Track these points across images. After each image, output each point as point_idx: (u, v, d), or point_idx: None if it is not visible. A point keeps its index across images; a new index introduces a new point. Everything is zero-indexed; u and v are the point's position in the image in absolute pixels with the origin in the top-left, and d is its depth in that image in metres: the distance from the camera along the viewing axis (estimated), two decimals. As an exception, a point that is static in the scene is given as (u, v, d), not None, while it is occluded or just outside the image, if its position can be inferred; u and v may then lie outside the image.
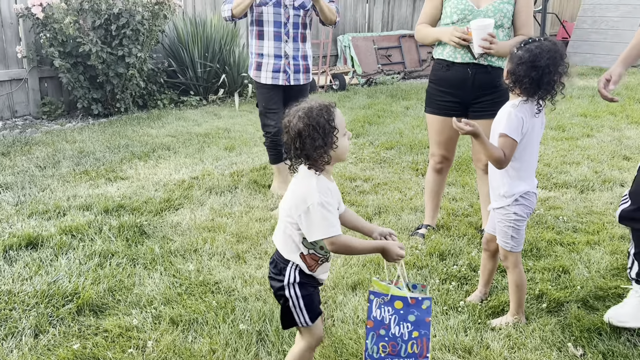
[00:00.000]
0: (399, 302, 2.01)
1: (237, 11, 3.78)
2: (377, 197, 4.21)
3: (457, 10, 3.19)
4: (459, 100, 3.31)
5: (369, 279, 2.99)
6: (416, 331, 2.02)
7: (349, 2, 9.94)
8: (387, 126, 6.33)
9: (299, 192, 1.91)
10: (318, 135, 1.84)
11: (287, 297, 1.98)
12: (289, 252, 1.98)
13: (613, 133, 5.99)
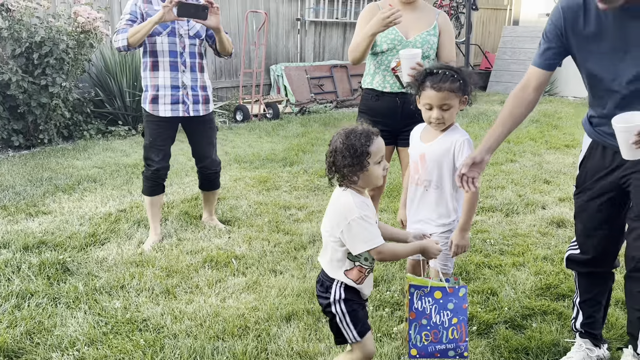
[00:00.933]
0: (438, 292, 2.18)
1: (133, 40, 3.50)
2: (311, 225, 4.20)
3: (387, 40, 3.27)
4: (389, 129, 3.38)
5: (303, 309, 2.96)
6: (455, 317, 2.18)
7: (281, 33, 10.07)
8: (320, 154, 6.38)
9: (338, 211, 2.05)
10: (349, 155, 1.98)
11: (334, 314, 2.10)
12: (333, 270, 2.11)
13: (534, 158, 6.30)
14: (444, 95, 2.39)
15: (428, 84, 2.41)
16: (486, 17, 14.31)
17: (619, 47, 2.12)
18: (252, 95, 8.69)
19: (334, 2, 10.74)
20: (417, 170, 2.55)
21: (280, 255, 3.69)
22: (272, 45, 9.92)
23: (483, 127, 8.04)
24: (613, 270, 2.57)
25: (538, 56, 2.35)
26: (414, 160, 2.58)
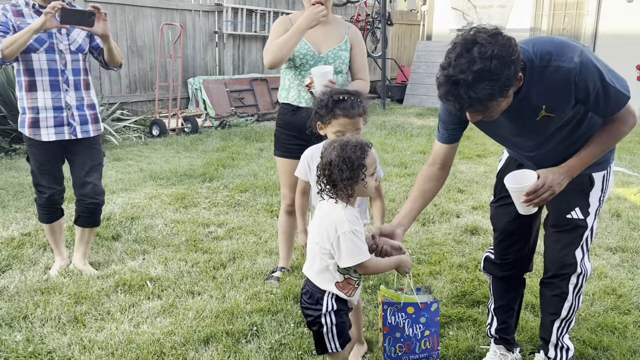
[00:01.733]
0: (411, 308, 2.26)
1: (9, 52, 3.11)
2: (231, 242, 4.11)
3: (300, 54, 3.27)
4: (306, 144, 3.36)
5: (222, 330, 2.87)
6: (427, 330, 2.28)
7: (198, 45, 9.90)
8: (241, 168, 6.30)
9: (329, 222, 2.05)
10: (346, 167, 1.99)
11: (322, 324, 2.13)
12: (324, 282, 2.12)
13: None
14: (356, 121, 2.46)
15: (339, 112, 2.44)
16: (401, 32, 14.79)
17: (511, 132, 2.28)
18: (169, 109, 8.46)
19: (252, 16, 10.71)
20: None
21: (199, 275, 3.58)
22: (190, 58, 9.73)
23: (400, 139, 8.25)
24: (524, 277, 2.69)
25: (440, 132, 2.42)
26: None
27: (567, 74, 2.02)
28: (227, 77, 10.01)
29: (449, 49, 1.94)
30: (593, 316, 3.08)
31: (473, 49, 1.87)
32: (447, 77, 1.89)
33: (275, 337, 2.83)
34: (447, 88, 1.91)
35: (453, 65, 1.88)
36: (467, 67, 1.85)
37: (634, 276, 3.61)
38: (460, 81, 1.86)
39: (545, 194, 2.16)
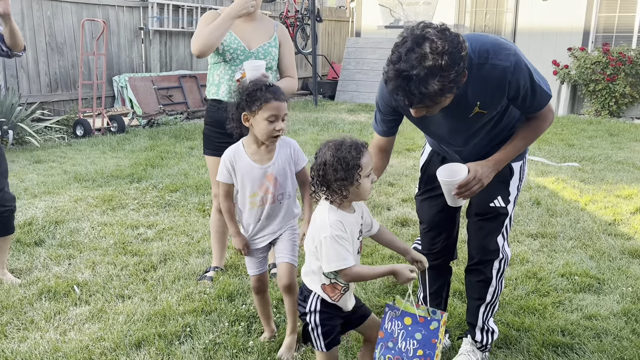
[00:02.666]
0: (409, 318, 2.12)
1: None
2: (162, 244, 4.02)
3: (230, 49, 3.24)
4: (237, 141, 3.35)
5: (154, 333, 2.81)
6: (421, 350, 2.09)
7: (123, 42, 9.58)
8: (171, 168, 6.16)
9: (315, 225, 2.03)
10: (341, 168, 1.95)
11: (307, 322, 2.13)
12: (311, 283, 2.11)
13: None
14: (285, 106, 2.44)
15: (270, 96, 2.39)
16: (331, 28, 14.91)
17: (444, 127, 2.35)
18: (93, 109, 8.15)
19: (179, 12, 10.47)
20: (269, 191, 2.54)
21: (128, 278, 3.48)
22: (114, 56, 9.40)
23: (333, 135, 8.33)
24: (450, 265, 2.79)
25: (378, 125, 2.48)
26: (259, 183, 2.52)
27: (502, 72, 2.10)
28: (155, 75, 9.75)
29: (398, 43, 1.90)
30: (516, 300, 3.24)
31: (424, 44, 1.85)
32: (398, 72, 1.86)
33: (209, 337, 2.80)
34: (397, 83, 1.88)
35: (404, 59, 1.85)
36: (419, 63, 1.83)
37: (553, 260, 3.82)
38: (413, 77, 1.84)
39: (475, 187, 2.25)
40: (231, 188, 2.59)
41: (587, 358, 2.67)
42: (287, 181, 2.57)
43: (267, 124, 2.40)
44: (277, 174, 2.53)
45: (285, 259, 2.62)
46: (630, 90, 10.03)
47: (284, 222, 2.64)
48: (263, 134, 2.43)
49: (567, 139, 8.11)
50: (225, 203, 2.63)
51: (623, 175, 6.06)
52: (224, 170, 2.54)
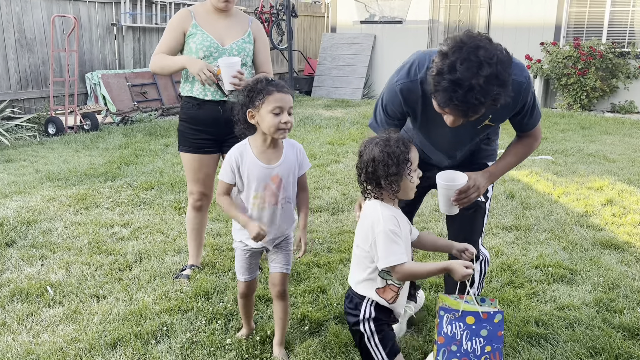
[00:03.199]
0: (471, 317, 1.99)
1: None
2: (137, 243, 3.98)
3: (203, 47, 3.21)
4: (214, 138, 3.33)
5: (130, 333, 2.78)
6: (489, 345, 2.00)
7: (95, 38, 9.43)
8: (146, 165, 6.09)
9: (367, 223, 1.97)
10: (392, 163, 1.91)
11: (362, 332, 2.03)
12: (364, 289, 2.04)
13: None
14: (290, 98, 2.33)
15: (272, 88, 2.30)
16: (306, 24, 14.87)
17: (447, 135, 2.35)
18: (65, 106, 8.01)
19: (152, 7, 10.34)
20: (273, 193, 2.44)
21: (103, 278, 3.43)
22: (86, 52, 9.24)
23: (309, 130, 8.32)
24: None
25: (381, 126, 2.40)
26: (265, 184, 2.42)
27: (518, 87, 2.12)
28: (128, 71, 9.61)
29: (446, 52, 1.85)
30: (491, 292, 3.28)
31: (479, 52, 1.81)
32: (455, 82, 1.81)
33: (186, 336, 2.78)
34: (453, 94, 1.82)
35: (460, 70, 1.80)
36: (477, 72, 1.79)
37: (527, 252, 3.88)
38: (475, 86, 1.79)
39: (473, 195, 2.28)
40: (230, 187, 2.47)
41: (560, 348, 2.72)
42: (290, 185, 2.48)
43: (273, 116, 2.29)
44: (282, 176, 2.42)
45: (282, 270, 2.58)
46: (600, 84, 10.22)
47: (282, 228, 2.55)
48: (270, 127, 2.31)
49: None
50: (222, 200, 2.47)
51: (594, 168, 6.17)
52: (228, 169, 2.41)
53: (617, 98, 10.57)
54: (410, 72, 2.25)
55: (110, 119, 8.72)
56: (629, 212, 4.70)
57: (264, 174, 2.40)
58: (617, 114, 10.34)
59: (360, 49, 12.58)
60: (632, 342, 2.77)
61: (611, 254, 3.85)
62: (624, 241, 4.06)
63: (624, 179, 5.70)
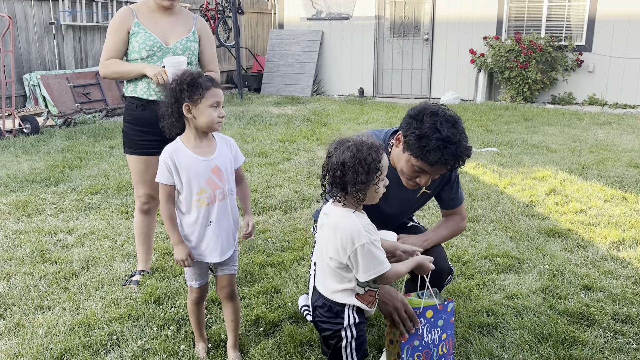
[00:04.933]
0: (430, 311, 2.15)
1: None
2: (83, 249, 3.84)
3: (146, 46, 3.12)
4: (159, 139, 3.22)
5: (78, 344, 2.69)
6: (444, 333, 2.17)
7: (32, 38, 9.05)
8: (90, 169, 5.90)
9: (344, 234, 1.90)
10: (362, 170, 1.86)
11: (342, 337, 2.01)
12: (344, 297, 2.00)
13: (307, 155, 6.67)
14: (222, 93, 2.40)
15: (210, 84, 2.33)
16: (253, 20, 14.74)
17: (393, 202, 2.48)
18: (2, 109, 7.65)
19: (93, 5, 10.01)
20: (217, 186, 2.39)
21: (48, 288, 3.30)
22: (24, 52, 8.87)
23: (259, 128, 8.26)
24: None
25: None
26: (206, 178, 2.36)
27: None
28: (69, 72, 9.28)
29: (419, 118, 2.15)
30: (442, 283, 3.34)
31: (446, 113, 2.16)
32: (445, 140, 2.08)
33: (137, 344, 2.71)
34: (444, 150, 2.09)
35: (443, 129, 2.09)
36: (456, 129, 2.12)
37: (476, 243, 3.97)
38: (460, 141, 2.11)
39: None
40: (172, 190, 2.37)
41: (510, 336, 2.79)
42: (230, 176, 2.46)
43: (212, 110, 2.32)
44: (222, 167, 2.41)
45: (229, 271, 2.54)
46: (541, 76, 10.57)
47: (230, 222, 2.48)
48: (207, 122, 2.32)
49: (486, 125, 8.44)
50: (165, 208, 2.38)
51: (538, 158, 6.38)
52: (164, 169, 2.34)
53: (557, 90, 10.96)
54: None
55: (51, 122, 8.40)
56: (570, 200, 4.88)
57: (204, 166, 2.37)
58: (558, 105, 10.73)
59: (309, 45, 12.57)
60: (577, 327, 2.87)
61: (555, 242, 3.99)
62: (567, 229, 4.21)
63: (566, 168, 5.92)
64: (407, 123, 2.19)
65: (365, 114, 9.63)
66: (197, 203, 2.37)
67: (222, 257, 2.47)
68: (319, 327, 2.11)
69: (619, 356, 2.63)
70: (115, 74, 3.21)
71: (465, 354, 2.65)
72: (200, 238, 2.43)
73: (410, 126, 2.16)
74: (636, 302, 3.11)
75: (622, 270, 3.51)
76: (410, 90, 12.23)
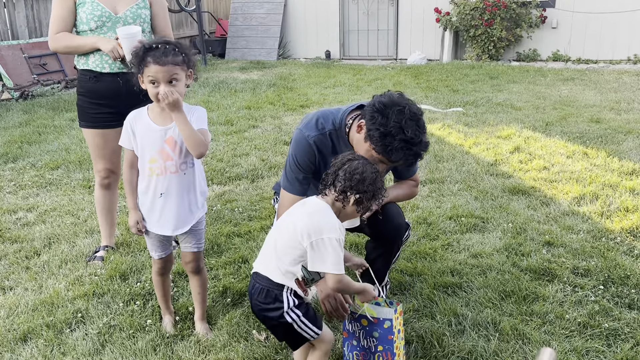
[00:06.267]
0: (364, 320, 2.22)
1: None
2: (45, 227, 3.76)
3: (94, 16, 3.00)
4: (115, 111, 3.15)
5: (42, 323, 2.65)
6: (381, 346, 2.21)
7: (-18, 7, 8.62)
8: (50, 143, 5.73)
9: (316, 222, 1.94)
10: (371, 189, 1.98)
11: (289, 322, 2.00)
12: (285, 278, 1.99)
13: (274, 121, 6.59)
14: (169, 69, 2.25)
15: (150, 60, 2.25)
16: (215, -17, 14.31)
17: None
18: (-46, 84, 7.34)
19: (44, -30, 9.56)
20: (169, 157, 2.34)
21: (9, 268, 3.23)
22: (-28, 22, 8.45)
23: (224, 95, 8.12)
24: None
25: (294, 185, 2.47)
26: (159, 149, 2.33)
27: None
28: (23, 42, 8.91)
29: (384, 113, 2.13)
30: (408, 246, 3.37)
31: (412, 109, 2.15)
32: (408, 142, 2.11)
33: (103, 320, 2.68)
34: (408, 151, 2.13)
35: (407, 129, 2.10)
36: (418, 128, 2.13)
37: (441, 204, 4.01)
38: (422, 140, 2.15)
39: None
40: (132, 155, 2.38)
41: (474, 294, 2.85)
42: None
43: (151, 87, 2.27)
44: (178, 139, 2.32)
45: (193, 249, 2.52)
46: (506, 33, 10.57)
47: (197, 196, 2.43)
48: (151, 96, 2.30)
49: (452, 85, 8.45)
50: (126, 172, 2.42)
51: (503, 117, 6.43)
52: (124, 133, 2.39)
53: (521, 47, 11.00)
54: (318, 126, 2.42)
55: (7, 95, 8.09)
56: (534, 157, 4.95)
57: (158, 135, 2.33)
58: (523, 62, 10.78)
59: (272, 7, 12.29)
60: (538, 283, 2.95)
61: (519, 199, 4.06)
62: (530, 186, 4.28)
63: (530, 125, 5.99)
64: (371, 116, 2.17)
65: (332, 77, 9.54)
66: (148, 171, 2.35)
67: (175, 232, 2.43)
68: (261, 318, 2.09)
69: (578, 309, 2.71)
70: (67, 49, 3.09)
71: (430, 314, 2.70)
72: (150, 209, 2.40)
73: (375, 120, 2.15)
74: (595, 255, 3.20)
75: (583, 225, 3.60)
76: (377, 52, 12.13)
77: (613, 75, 9.02)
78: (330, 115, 2.46)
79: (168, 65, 2.25)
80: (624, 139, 5.41)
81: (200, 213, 2.49)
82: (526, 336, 2.51)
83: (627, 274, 2.98)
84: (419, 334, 2.55)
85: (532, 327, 2.57)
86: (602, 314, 2.66)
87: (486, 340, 2.50)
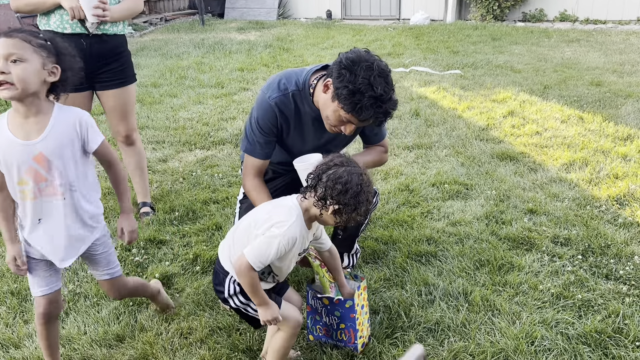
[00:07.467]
0: (326, 299, 2.21)
1: None
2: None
3: None
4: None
5: (6, 291, 2.62)
6: (342, 323, 2.21)
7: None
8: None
9: (275, 215, 1.87)
10: (352, 202, 1.81)
11: (236, 308, 1.99)
12: (230, 267, 1.95)
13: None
14: (12, 43, 1.74)
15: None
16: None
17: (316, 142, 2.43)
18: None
19: None
20: (42, 178, 1.81)
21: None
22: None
23: (218, 57, 7.95)
24: None
25: (261, 149, 2.37)
26: (26, 167, 1.80)
27: None
28: None
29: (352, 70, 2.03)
30: (387, 213, 3.30)
31: (380, 65, 2.07)
32: (378, 98, 2.02)
33: (69, 288, 2.65)
34: (377, 109, 2.05)
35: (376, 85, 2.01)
36: (387, 85, 2.05)
37: (426, 170, 3.91)
38: (392, 97, 2.07)
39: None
40: (0, 177, 1.86)
41: (448, 264, 2.78)
42: (70, 167, 1.84)
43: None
44: (50, 155, 1.80)
45: (105, 277, 2.09)
46: (512, -7, 10.25)
47: (81, 229, 1.92)
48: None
49: (453, 47, 8.23)
50: None
51: (501, 80, 6.25)
52: None
53: (527, 7, 10.66)
54: (280, 87, 2.32)
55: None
56: (527, 122, 4.81)
57: (23, 152, 1.78)
58: (528, 22, 10.47)
59: (272, -34, 11.97)
60: (515, 252, 2.87)
61: (506, 165, 3.95)
62: (520, 152, 4.16)
63: (527, 89, 5.82)
64: (339, 73, 2.07)
65: (330, 38, 9.32)
66: (20, 194, 1.83)
67: (63, 264, 1.94)
68: (216, 294, 2.08)
69: (553, 279, 2.64)
70: (28, 6, 2.97)
71: (401, 284, 2.64)
72: (31, 232, 1.90)
73: (342, 78, 2.05)
74: (577, 224, 3.11)
75: (569, 192, 3.50)
76: (380, 12, 11.82)
77: (621, 37, 8.74)
78: (293, 75, 2.35)
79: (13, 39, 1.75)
80: (623, 102, 5.24)
81: (92, 237, 1.98)
82: (496, 307, 2.45)
83: (608, 243, 2.90)
84: (386, 304, 2.49)
85: (504, 298, 2.51)
86: (577, 284, 2.59)
87: (455, 311, 2.44)
